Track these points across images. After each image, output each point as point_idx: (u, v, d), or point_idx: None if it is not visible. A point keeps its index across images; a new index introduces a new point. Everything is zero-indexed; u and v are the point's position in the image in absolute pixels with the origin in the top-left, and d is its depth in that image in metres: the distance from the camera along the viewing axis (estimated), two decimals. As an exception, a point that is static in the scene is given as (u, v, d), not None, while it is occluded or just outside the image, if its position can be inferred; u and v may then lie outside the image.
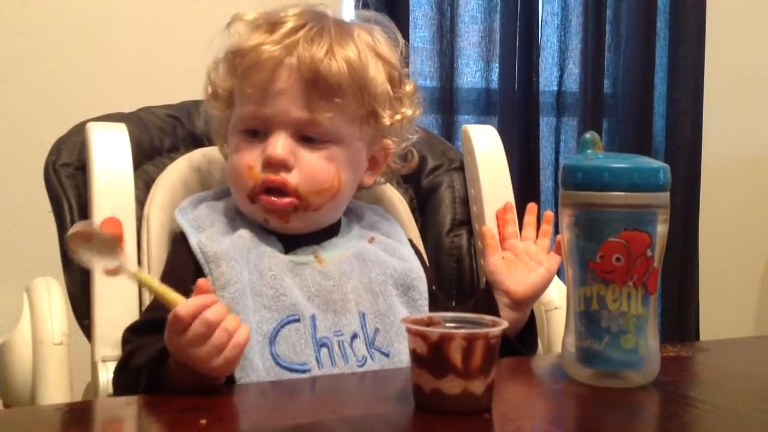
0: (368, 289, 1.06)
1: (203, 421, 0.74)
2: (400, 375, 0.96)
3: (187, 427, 0.75)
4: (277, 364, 0.97)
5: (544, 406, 0.87)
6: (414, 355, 0.78)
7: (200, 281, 0.87)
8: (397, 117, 1.10)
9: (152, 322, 0.96)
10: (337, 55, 1.02)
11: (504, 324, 0.79)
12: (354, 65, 1.03)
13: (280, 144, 1.01)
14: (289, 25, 1.02)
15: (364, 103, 1.05)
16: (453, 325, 0.81)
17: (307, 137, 1.03)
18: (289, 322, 1.00)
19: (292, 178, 1.02)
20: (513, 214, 1.22)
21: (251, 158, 1.03)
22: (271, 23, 1.04)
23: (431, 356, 0.76)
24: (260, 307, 0.99)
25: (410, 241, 1.17)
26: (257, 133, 1.03)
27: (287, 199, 1.02)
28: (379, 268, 1.07)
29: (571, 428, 0.81)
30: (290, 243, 1.06)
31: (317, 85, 1.01)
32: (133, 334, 0.98)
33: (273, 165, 1.02)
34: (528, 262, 1.12)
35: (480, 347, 0.76)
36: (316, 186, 1.03)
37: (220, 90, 1.07)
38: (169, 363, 0.88)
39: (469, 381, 0.76)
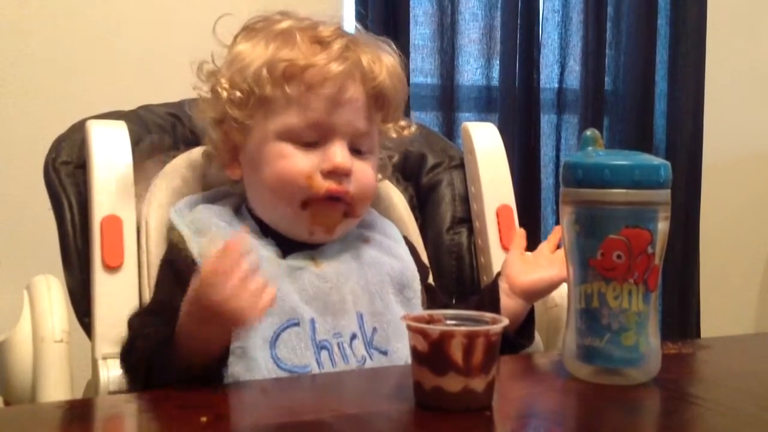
0: (365, 290, 1.06)
1: (204, 419, 0.74)
2: (400, 372, 0.96)
3: (187, 424, 0.75)
4: (279, 367, 0.98)
5: (544, 404, 0.87)
6: (414, 352, 0.78)
7: (228, 241, 0.87)
8: (405, 132, 1.15)
9: (157, 305, 0.97)
10: (390, 70, 1.08)
11: (504, 321, 0.79)
12: (401, 80, 1.10)
13: (344, 153, 1.03)
14: (341, 41, 1.05)
15: (397, 114, 1.12)
16: (453, 322, 0.81)
17: (356, 148, 1.06)
18: (288, 326, 1.00)
19: (351, 187, 1.04)
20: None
21: (307, 166, 1.03)
22: (314, 36, 1.05)
23: (432, 353, 0.76)
24: None
25: (405, 238, 1.17)
26: (309, 141, 1.04)
27: (342, 204, 1.05)
28: (375, 269, 1.08)
29: (572, 426, 0.81)
30: (287, 247, 1.06)
31: (377, 98, 1.07)
32: (137, 318, 0.98)
33: (339, 174, 1.03)
34: (542, 263, 1.12)
35: (481, 344, 0.76)
36: (367, 194, 1.08)
37: (252, 98, 1.04)
38: (177, 337, 0.88)
39: (469, 378, 0.76)
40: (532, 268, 1.12)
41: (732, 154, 2.71)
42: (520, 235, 1.19)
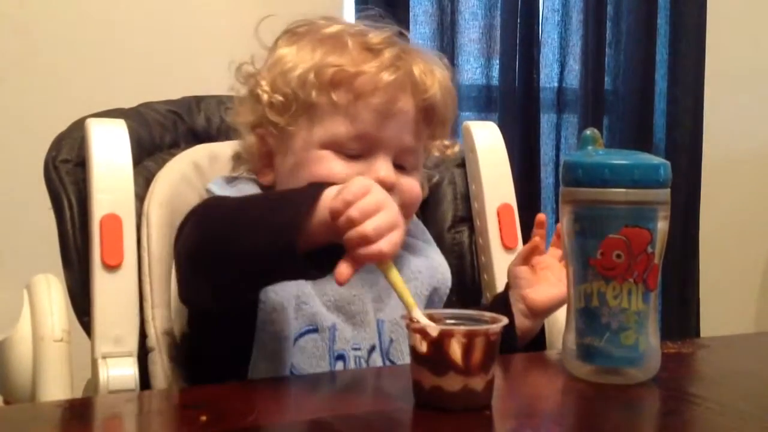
0: (389, 296, 1.04)
1: (203, 418, 0.74)
2: (401, 373, 0.96)
3: (187, 423, 0.75)
4: (292, 373, 0.97)
5: (544, 403, 0.87)
6: (414, 352, 0.78)
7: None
8: (449, 152, 1.14)
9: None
10: (443, 84, 1.05)
11: (504, 320, 0.79)
12: (452, 95, 1.08)
13: (389, 168, 1.01)
14: (393, 49, 1.02)
15: (444, 131, 1.10)
16: (452, 321, 0.81)
17: (400, 164, 1.03)
18: (307, 332, 0.99)
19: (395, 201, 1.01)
20: (544, 231, 1.17)
21: (350, 176, 0.99)
22: (364, 42, 1.02)
23: (431, 353, 0.76)
24: None
25: None
26: (353, 153, 1.01)
27: None
28: (402, 273, 1.07)
29: (571, 425, 0.81)
30: None
31: (427, 112, 1.04)
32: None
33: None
34: (549, 277, 1.09)
35: (480, 344, 0.76)
36: (411, 210, 1.05)
37: (295, 103, 1.01)
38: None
39: (469, 378, 0.76)
40: (543, 286, 1.09)
41: (732, 154, 2.71)
42: (532, 245, 1.11)
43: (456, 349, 0.75)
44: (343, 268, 0.78)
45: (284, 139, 1.03)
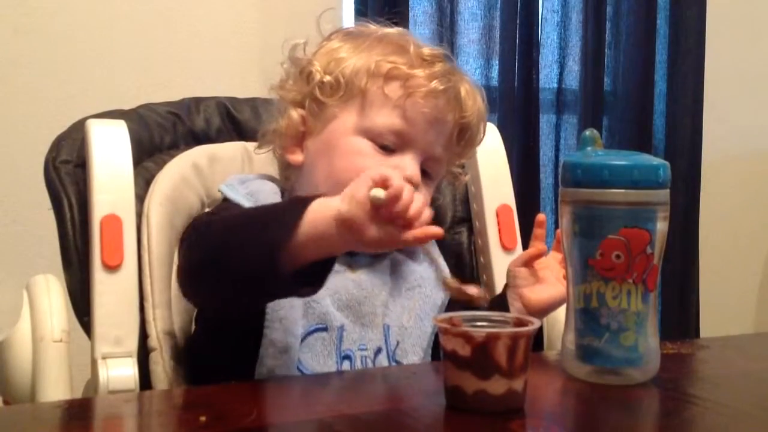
0: (396, 302, 1.05)
1: (203, 419, 0.74)
2: (401, 373, 0.96)
3: (186, 424, 0.75)
4: (300, 371, 0.98)
5: (543, 404, 0.87)
6: (454, 356, 0.76)
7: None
8: (460, 178, 1.18)
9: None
10: (480, 111, 1.09)
11: (536, 323, 0.78)
12: (483, 125, 1.12)
13: (416, 168, 1.03)
14: (444, 65, 1.06)
15: (466, 155, 1.14)
16: (471, 324, 0.80)
17: (424, 170, 1.06)
18: (316, 330, 1.00)
19: None
20: (544, 230, 1.18)
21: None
22: (420, 52, 1.05)
23: (476, 357, 0.75)
24: None
25: None
26: (387, 147, 1.04)
27: None
28: (410, 279, 1.08)
29: (571, 425, 0.81)
30: None
31: (460, 131, 1.08)
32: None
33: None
34: (548, 277, 1.10)
35: (522, 345, 0.75)
36: None
37: (344, 87, 1.05)
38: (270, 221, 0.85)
39: (512, 380, 0.75)
40: (543, 287, 1.09)
41: (731, 154, 2.71)
42: (536, 251, 1.11)
43: (502, 352, 0.75)
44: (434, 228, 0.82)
45: (323, 119, 1.06)
